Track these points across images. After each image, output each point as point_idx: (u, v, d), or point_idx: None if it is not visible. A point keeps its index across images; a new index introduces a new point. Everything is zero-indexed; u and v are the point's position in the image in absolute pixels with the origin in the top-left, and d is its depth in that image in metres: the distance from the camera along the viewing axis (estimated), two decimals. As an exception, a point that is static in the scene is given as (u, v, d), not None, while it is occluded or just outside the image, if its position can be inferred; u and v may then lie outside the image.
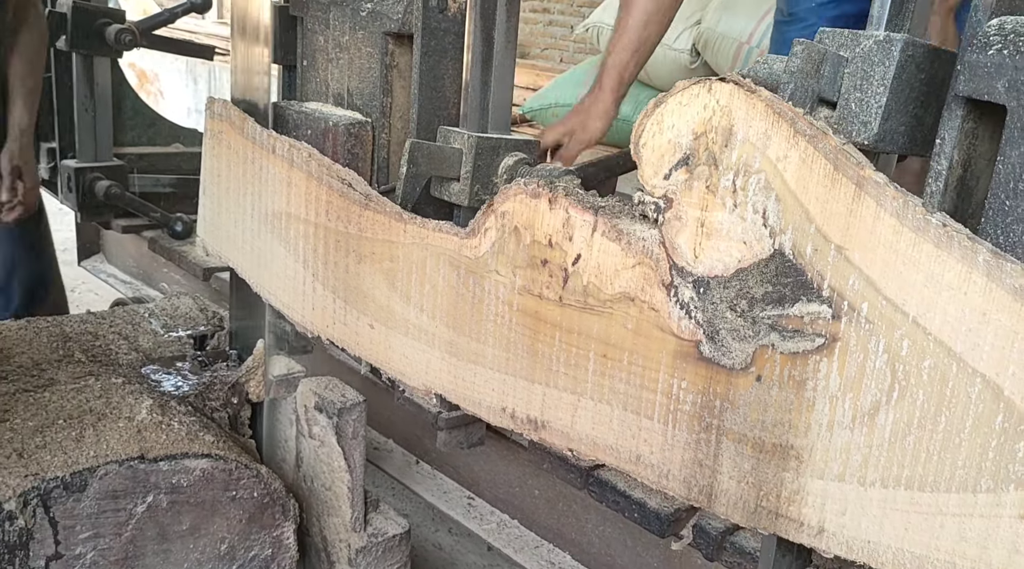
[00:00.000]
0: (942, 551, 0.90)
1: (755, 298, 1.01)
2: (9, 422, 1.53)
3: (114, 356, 1.88)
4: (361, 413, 1.66)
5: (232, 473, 1.57)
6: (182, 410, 1.67)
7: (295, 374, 1.79)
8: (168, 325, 2.06)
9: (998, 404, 0.84)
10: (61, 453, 1.47)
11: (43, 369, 1.76)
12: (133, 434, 1.54)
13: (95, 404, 1.61)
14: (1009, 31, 0.96)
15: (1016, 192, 0.95)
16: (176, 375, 1.85)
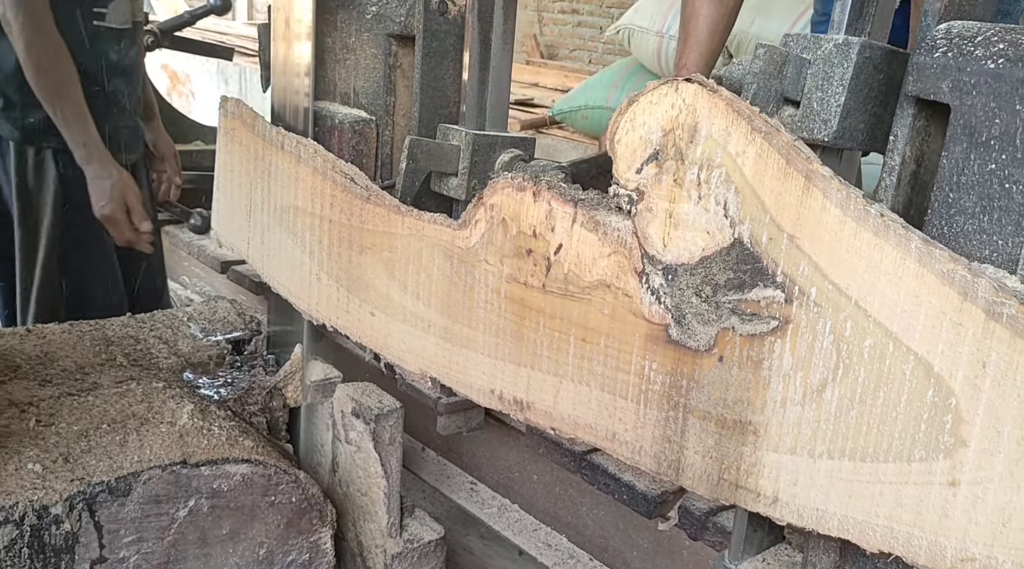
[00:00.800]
0: (881, 517, 0.98)
1: (718, 284, 1.10)
2: (55, 426, 1.59)
3: (154, 360, 1.93)
4: (398, 419, 1.70)
5: (271, 478, 1.61)
6: (222, 415, 1.71)
7: (332, 379, 1.82)
8: (206, 329, 2.10)
9: (929, 380, 0.93)
10: (106, 458, 1.51)
11: (86, 373, 1.81)
12: (175, 439, 1.59)
13: (138, 408, 1.66)
14: (955, 35, 1.04)
15: (959, 185, 1.03)
16: (216, 380, 1.90)
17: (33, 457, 1.48)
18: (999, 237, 1.01)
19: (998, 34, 1.01)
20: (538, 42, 8.81)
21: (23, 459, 1.47)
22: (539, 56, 8.47)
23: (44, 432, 1.55)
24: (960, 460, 0.92)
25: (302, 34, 1.71)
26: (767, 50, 1.12)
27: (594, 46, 8.35)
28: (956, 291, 0.90)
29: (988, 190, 1.01)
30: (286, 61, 1.75)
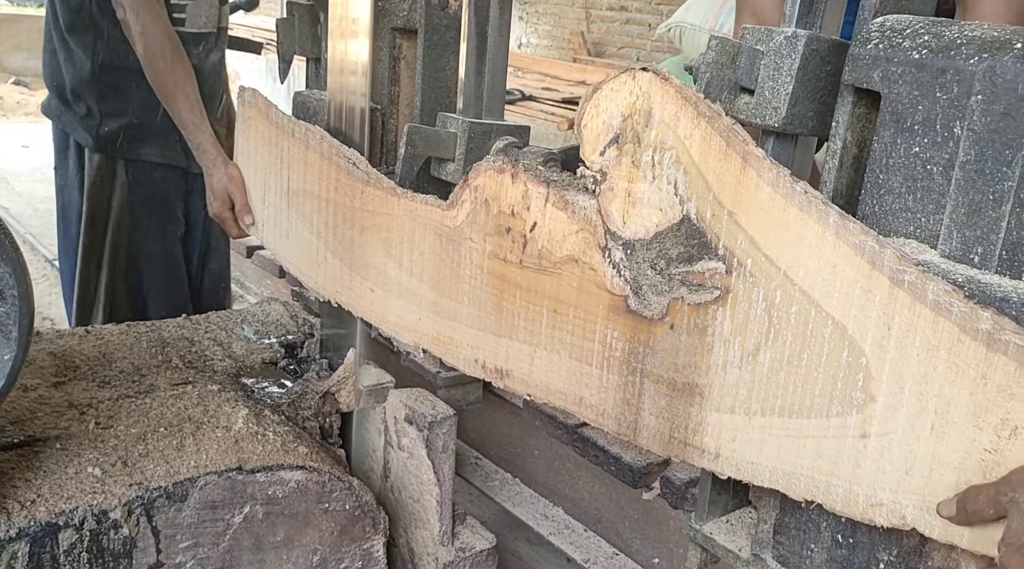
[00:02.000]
0: (804, 468, 1.10)
1: (671, 257, 1.22)
2: (113, 428, 1.63)
3: (209, 362, 1.98)
4: (452, 426, 1.72)
5: (325, 485, 1.63)
6: (276, 419, 1.75)
7: (385, 384, 1.85)
8: (260, 332, 2.14)
9: (844, 342, 1.04)
10: (163, 462, 1.55)
11: (143, 375, 1.86)
12: (231, 444, 1.62)
13: (193, 412, 1.71)
14: (887, 28, 1.15)
15: (887, 167, 1.14)
16: (270, 383, 1.95)
17: (92, 460, 1.53)
18: (922, 215, 1.12)
19: (925, 27, 1.12)
20: (585, 40, 8.91)
21: (83, 462, 1.52)
22: (586, 54, 8.57)
23: (103, 435, 1.61)
24: (870, 414, 1.03)
25: (359, 32, 1.76)
26: (719, 42, 1.24)
27: (643, 44, 8.42)
28: (866, 260, 1.01)
29: (912, 172, 1.12)
30: (343, 60, 1.81)
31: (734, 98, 1.28)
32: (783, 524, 1.24)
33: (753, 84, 1.26)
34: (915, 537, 1.08)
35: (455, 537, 1.78)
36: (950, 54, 1.07)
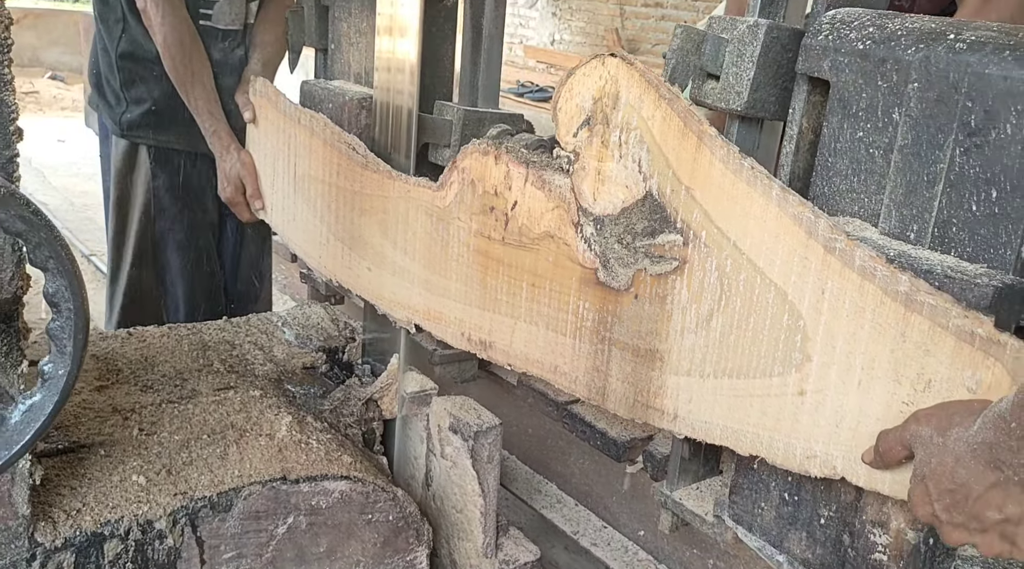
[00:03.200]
0: (750, 425, 1.20)
1: (636, 232, 1.33)
2: (156, 435, 1.64)
3: (250, 366, 1.98)
4: (497, 436, 1.71)
5: (369, 496, 1.63)
6: (318, 427, 1.75)
7: (428, 391, 1.85)
8: (300, 336, 2.14)
9: (785, 306, 1.14)
10: (207, 471, 1.55)
11: (185, 379, 1.87)
12: (274, 453, 1.62)
13: (236, 419, 1.71)
14: (837, 21, 1.25)
15: (835, 151, 1.24)
16: (311, 389, 1.96)
17: (137, 468, 1.54)
18: (865, 195, 1.22)
19: (871, 19, 1.22)
20: (619, 36, 9.01)
21: (127, 470, 1.53)
22: (621, 51, 8.68)
23: (147, 441, 1.62)
24: (807, 373, 1.13)
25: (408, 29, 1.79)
26: (684, 30, 1.35)
27: (678, 40, 8.48)
28: (803, 230, 1.11)
29: (856, 155, 1.22)
30: (390, 59, 1.84)
31: (702, 83, 1.39)
32: (737, 485, 1.34)
33: (719, 70, 1.36)
34: (851, 493, 1.17)
35: (499, 549, 1.78)
36: (891, 45, 1.17)
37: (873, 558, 1.16)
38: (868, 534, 1.17)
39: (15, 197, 1.16)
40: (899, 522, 1.13)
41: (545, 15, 9.81)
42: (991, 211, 1.09)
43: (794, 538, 1.26)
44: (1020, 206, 1.06)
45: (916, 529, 1.12)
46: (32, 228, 1.19)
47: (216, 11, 2.38)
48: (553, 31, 9.89)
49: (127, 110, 2.47)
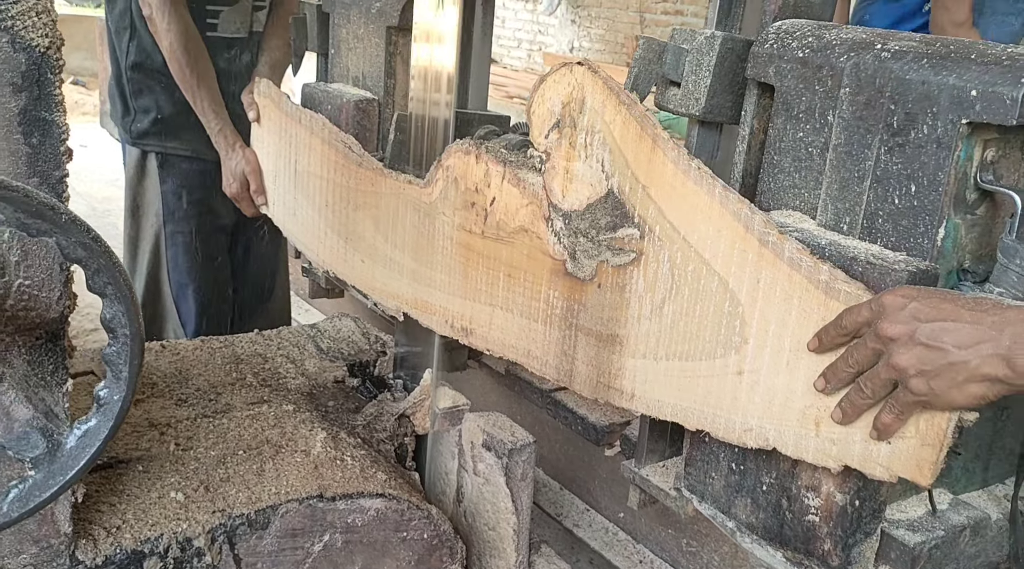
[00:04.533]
0: (697, 403, 1.33)
1: (600, 226, 1.46)
2: (193, 450, 1.66)
3: (283, 380, 2.01)
4: (531, 454, 1.72)
5: (404, 514, 1.64)
6: (352, 443, 1.77)
7: (460, 407, 1.87)
8: (331, 349, 2.17)
9: (726, 294, 1.27)
10: (244, 488, 1.57)
11: (219, 393, 1.90)
12: (310, 470, 1.64)
13: (271, 434, 1.74)
14: (782, 31, 1.38)
15: (780, 150, 1.37)
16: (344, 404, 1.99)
17: (174, 484, 1.57)
18: (805, 190, 1.34)
19: (811, 30, 1.35)
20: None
21: (165, 486, 1.56)
22: (641, 58, 8.76)
23: (183, 457, 1.64)
24: (744, 354, 1.26)
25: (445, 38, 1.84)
26: (646, 41, 1.48)
27: (699, 48, 8.56)
28: (742, 225, 1.24)
29: (798, 154, 1.34)
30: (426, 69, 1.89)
31: (665, 90, 1.52)
32: (691, 457, 1.47)
33: (680, 78, 1.49)
34: (788, 461, 1.30)
35: (531, 567, 1.80)
36: (826, 53, 1.30)
37: (807, 520, 1.29)
38: (803, 498, 1.29)
39: (77, 224, 1.17)
40: (829, 486, 1.26)
41: (564, 22, 9.92)
42: (911, 204, 1.21)
43: (740, 505, 1.39)
44: (935, 199, 1.19)
45: (844, 492, 1.24)
46: (92, 255, 1.19)
47: (222, 20, 2.52)
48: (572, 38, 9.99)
49: (136, 119, 2.62)
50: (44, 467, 1.26)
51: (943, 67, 1.18)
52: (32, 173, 1.29)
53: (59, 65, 1.27)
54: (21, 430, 1.26)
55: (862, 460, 1.16)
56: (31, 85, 1.25)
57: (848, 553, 1.26)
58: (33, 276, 1.30)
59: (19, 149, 1.27)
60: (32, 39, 1.23)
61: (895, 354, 1.06)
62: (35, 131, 1.28)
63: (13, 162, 1.27)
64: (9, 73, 1.23)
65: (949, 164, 1.17)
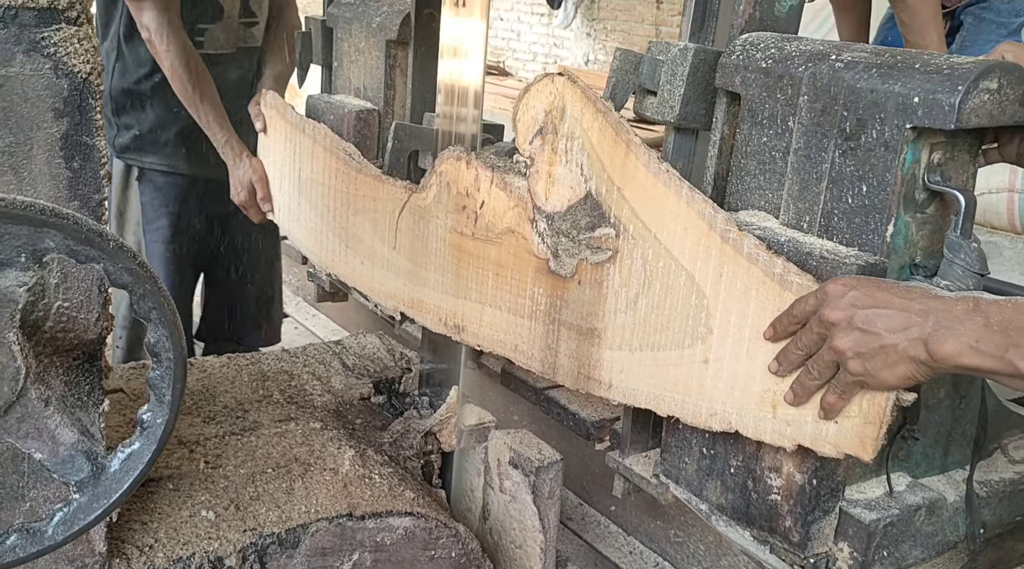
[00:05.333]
0: (668, 390, 1.43)
1: (580, 226, 1.56)
2: (222, 468, 1.68)
3: (309, 397, 2.04)
4: (558, 472, 1.74)
5: (432, 532, 1.65)
6: (379, 460, 1.79)
7: (486, 424, 1.89)
8: (357, 366, 2.19)
9: (693, 287, 1.37)
10: (275, 507, 1.59)
11: (246, 410, 1.92)
12: (340, 489, 1.66)
13: (299, 452, 1.76)
14: (747, 43, 1.48)
15: (746, 154, 1.47)
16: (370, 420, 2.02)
17: (205, 502, 1.58)
18: (769, 191, 1.45)
19: (774, 42, 1.45)
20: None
21: (196, 505, 1.58)
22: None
23: (213, 475, 1.66)
24: (710, 344, 1.36)
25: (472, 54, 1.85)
26: (623, 53, 1.58)
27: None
28: (706, 223, 1.34)
29: (762, 157, 1.45)
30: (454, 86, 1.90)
31: (643, 99, 1.62)
32: (667, 444, 1.57)
33: (656, 87, 1.59)
34: (752, 444, 1.40)
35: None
36: (787, 63, 1.40)
37: (770, 499, 1.39)
38: (766, 479, 1.39)
39: (124, 250, 1.19)
40: (789, 467, 1.36)
41: (579, 35, 10.00)
42: (862, 203, 1.31)
43: (711, 487, 1.49)
44: (884, 199, 1.29)
45: (802, 472, 1.34)
46: (138, 280, 1.21)
47: (207, 37, 2.62)
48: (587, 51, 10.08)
49: (119, 134, 2.75)
50: (88, 490, 1.29)
51: (890, 76, 1.28)
52: (73, 197, 1.32)
53: (99, 90, 1.30)
54: (66, 453, 1.27)
55: (813, 439, 1.26)
56: (73, 110, 1.28)
57: (808, 529, 1.36)
58: (72, 298, 1.32)
59: (60, 173, 1.30)
60: (74, 65, 1.27)
61: (835, 338, 1.16)
62: (76, 155, 1.30)
63: (54, 186, 1.30)
64: (51, 99, 1.27)
65: (896, 166, 1.27)
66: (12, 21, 1.22)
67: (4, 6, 1.20)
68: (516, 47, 10.66)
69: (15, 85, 1.24)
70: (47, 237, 1.13)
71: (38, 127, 1.27)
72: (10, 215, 1.10)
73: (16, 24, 1.22)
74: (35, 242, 1.13)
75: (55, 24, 1.24)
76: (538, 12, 10.02)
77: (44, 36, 1.24)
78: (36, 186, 1.29)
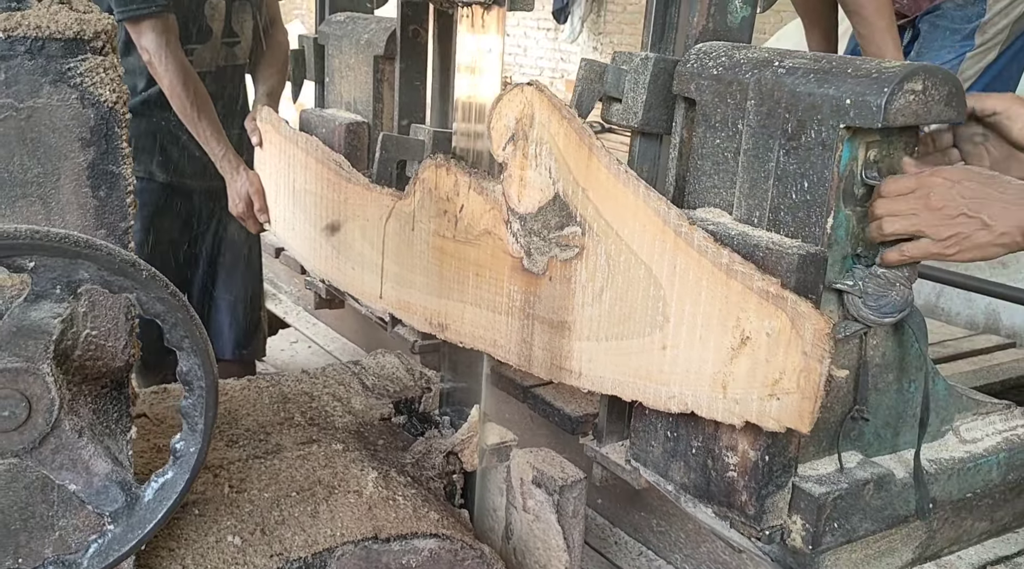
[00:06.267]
0: (631, 376, 1.54)
1: (550, 226, 1.68)
2: (247, 492, 1.67)
3: (330, 419, 2.04)
4: (582, 491, 1.73)
5: (457, 554, 1.65)
6: (403, 481, 1.80)
7: (508, 443, 1.90)
8: (377, 386, 2.21)
9: (651, 280, 1.49)
10: (300, 530, 1.59)
11: (268, 433, 1.93)
12: (364, 511, 1.66)
13: (323, 474, 1.76)
14: (701, 53, 1.60)
15: (702, 155, 1.59)
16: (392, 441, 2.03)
17: (231, 528, 1.58)
18: (723, 189, 1.56)
19: (725, 51, 1.57)
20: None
21: (222, 530, 1.57)
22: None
23: (238, 499, 1.66)
24: (667, 332, 1.47)
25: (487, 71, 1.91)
26: (588, 63, 1.70)
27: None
28: (660, 219, 1.46)
29: (716, 158, 1.56)
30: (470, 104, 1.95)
31: (609, 106, 1.74)
32: (635, 429, 1.68)
33: (620, 95, 1.71)
34: (711, 425, 1.51)
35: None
36: (735, 70, 1.52)
37: (728, 476, 1.50)
38: (723, 457, 1.50)
39: (156, 280, 1.20)
40: (744, 445, 1.47)
41: (586, 50, 10.10)
42: (805, 198, 1.43)
43: (675, 468, 1.60)
44: (823, 194, 1.40)
45: (756, 449, 1.45)
46: (170, 309, 1.22)
47: (195, 56, 2.70)
48: (594, 66, 10.21)
49: None
50: (123, 521, 1.30)
51: (825, 80, 1.40)
52: (99, 225, 1.33)
53: (125, 119, 1.32)
54: (101, 484, 1.28)
55: (759, 415, 1.37)
56: (99, 139, 1.30)
57: (762, 503, 1.47)
58: (100, 326, 1.34)
59: (87, 202, 1.32)
60: (100, 94, 1.29)
61: None
62: (103, 184, 1.32)
63: (81, 214, 1.32)
64: (79, 128, 1.29)
65: (833, 163, 1.39)
66: (39, 52, 1.25)
67: (31, 38, 1.23)
68: (523, 62, 10.81)
69: (43, 115, 1.27)
70: (81, 268, 1.16)
71: (65, 157, 1.30)
72: (45, 247, 1.13)
73: (43, 55, 1.25)
74: (70, 274, 1.16)
75: (81, 55, 1.27)
76: (544, 27, 10.15)
77: (71, 67, 1.27)
78: (64, 215, 1.32)
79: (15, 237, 1.11)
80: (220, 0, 2.69)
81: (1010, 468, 1.71)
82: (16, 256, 1.12)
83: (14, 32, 1.22)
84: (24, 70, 1.24)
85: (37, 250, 1.12)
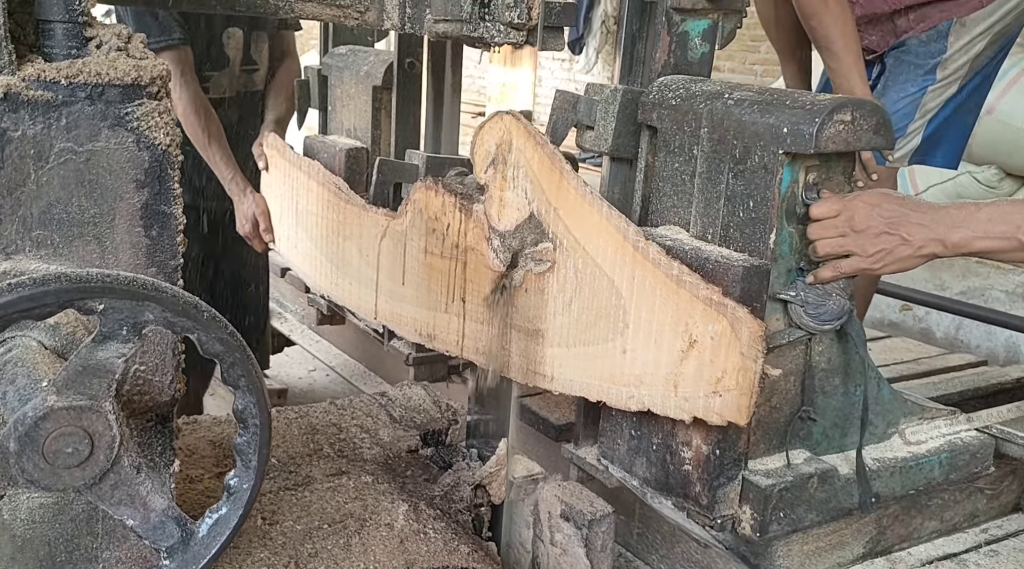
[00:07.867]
0: (596, 379, 1.71)
1: (526, 242, 1.85)
2: (279, 525, 1.69)
3: (358, 450, 2.07)
4: (611, 525, 1.74)
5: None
6: (432, 514, 1.82)
7: (535, 475, 1.92)
8: (404, 418, 2.23)
9: (613, 290, 1.66)
10: (334, 564, 1.60)
11: (298, 465, 1.96)
12: (396, 545, 1.68)
13: (353, 507, 1.78)
14: (663, 85, 1.77)
15: (663, 178, 1.76)
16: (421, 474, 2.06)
17: (264, 560, 1.59)
18: (681, 209, 1.73)
19: (683, 83, 1.75)
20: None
21: (255, 563, 1.59)
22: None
23: (270, 531, 1.69)
24: (627, 337, 1.64)
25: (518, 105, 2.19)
26: (561, 93, 1.88)
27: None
28: (621, 235, 1.63)
29: (675, 180, 1.74)
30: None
31: (582, 133, 1.91)
32: (603, 429, 1.84)
33: (593, 123, 1.88)
34: (670, 422, 1.67)
35: None
36: (691, 101, 1.69)
37: (684, 470, 1.66)
38: (680, 452, 1.66)
39: (216, 321, 1.24)
40: (697, 440, 1.63)
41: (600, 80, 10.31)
42: (751, 216, 1.60)
43: (639, 463, 1.76)
44: (766, 212, 1.57)
45: (708, 444, 1.61)
46: (228, 349, 1.25)
47: (212, 83, 2.88)
48: (599, 91, 10.42)
49: None
50: (178, 557, 1.33)
51: (767, 111, 1.57)
52: (150, 264, 1.37)
53: (178, 161, 1.36)
54: (158, 519, 1.31)
55: (704, 411, 1.53)
56: (153, 181, 1.35)
57: (714, 494, 1.63)
58: (148, 361, 1.37)
59: (140, 241, 1.36)
60: (155, 137, 1.33)
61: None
62: (155, 224, 1.36)
63: (134, 254, 1.36)
64: (133, 170, 1.33)
65: (774, 185, 1.56)
66: (99, 98, 1.30)
67: (91, 84, 1.28)
68: (539, 92, 11.06)
69: (101, 158, 1.32)
70: (148, 310, 1.20)
71: (120, 198, 1.34)
72: (115, 291, 1.17)
73: (103, 101, 1.30)
74: (136, 315, 1.19)
75: (138, 99, 1.31)
76: (559, 58, 10.37)
77: (128, 111, 1.31)
78: (117, 254, 1.36)
79: (87, 281, 1.16)
80: (238, 30, 2.87)
81: (952, 468, 1.86)
82: (88, 299, 1.17)
83: (75, 79, 1.28)
84: (84, 115, 1.30)
85: (107, 293, 1.17)
